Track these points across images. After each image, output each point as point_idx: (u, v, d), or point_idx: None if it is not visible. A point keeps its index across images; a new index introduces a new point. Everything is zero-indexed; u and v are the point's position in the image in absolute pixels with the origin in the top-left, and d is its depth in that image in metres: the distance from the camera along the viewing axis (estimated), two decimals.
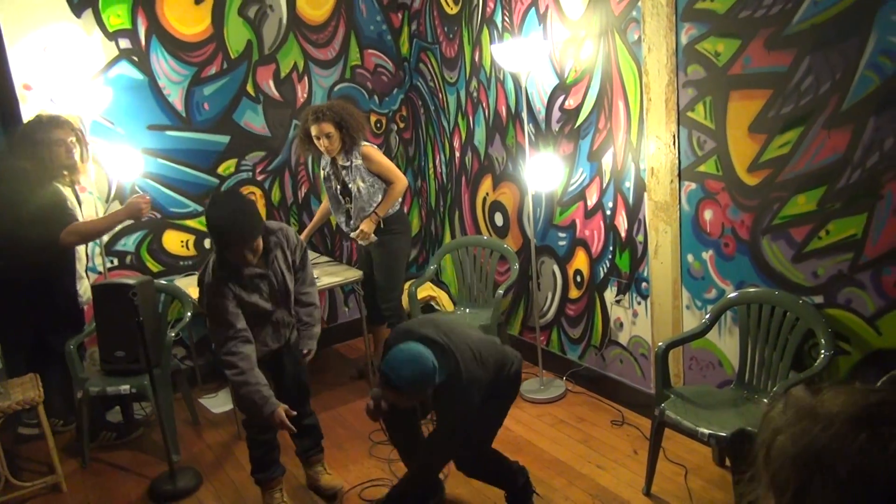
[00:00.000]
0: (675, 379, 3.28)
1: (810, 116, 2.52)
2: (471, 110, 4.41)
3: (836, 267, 2.55)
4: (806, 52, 2.49)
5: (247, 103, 4.34)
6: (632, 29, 3.16)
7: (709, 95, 2.88)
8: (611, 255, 3.57)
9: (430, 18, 4.59)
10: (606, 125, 3.42)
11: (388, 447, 3.41)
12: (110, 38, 3.86)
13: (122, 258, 4.07)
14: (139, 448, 3.68)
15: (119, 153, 3.87)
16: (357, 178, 3.78)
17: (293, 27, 4.43)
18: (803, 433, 0.64)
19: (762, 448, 0.69)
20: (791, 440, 0.64)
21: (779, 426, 0.67)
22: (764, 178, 2.73)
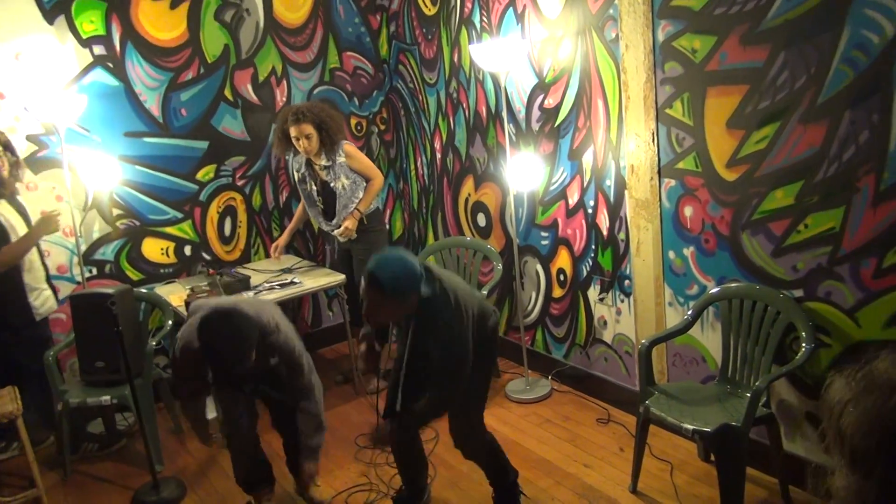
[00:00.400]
0: (660, 376, 3.28)
1: (786, 111, 2.53)
2: (451, 111, 4.40)
3: (815, 260, 2.57)
4: (781, 48, 2.50)
5: (225, 108, 4.30)
6: (609, 27, 3.17)
7: (686, 92, 2.89)
8: (593, 253, 3.57)
9: (409, 20, 4.58)
10: (586, 123, 3.42)
11: (373, 452, 3.39)
12: (84, 44, 3.81)
13: (100, 267, 4.02)
14: (121, 459, 3.64)
15: (95, 161, 3.83)
16: (341, 176, 3.81)
17: (270, 30, 4.40)
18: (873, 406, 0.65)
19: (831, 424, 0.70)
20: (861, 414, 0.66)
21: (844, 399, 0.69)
22: (742, 173, 2.74)
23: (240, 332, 2.43)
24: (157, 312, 3.91)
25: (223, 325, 2.42)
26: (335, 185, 3.84)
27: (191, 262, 4.31)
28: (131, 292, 3.57)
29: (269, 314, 2.65)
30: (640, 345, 2.89)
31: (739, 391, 2.80)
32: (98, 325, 3.23)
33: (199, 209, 4.30)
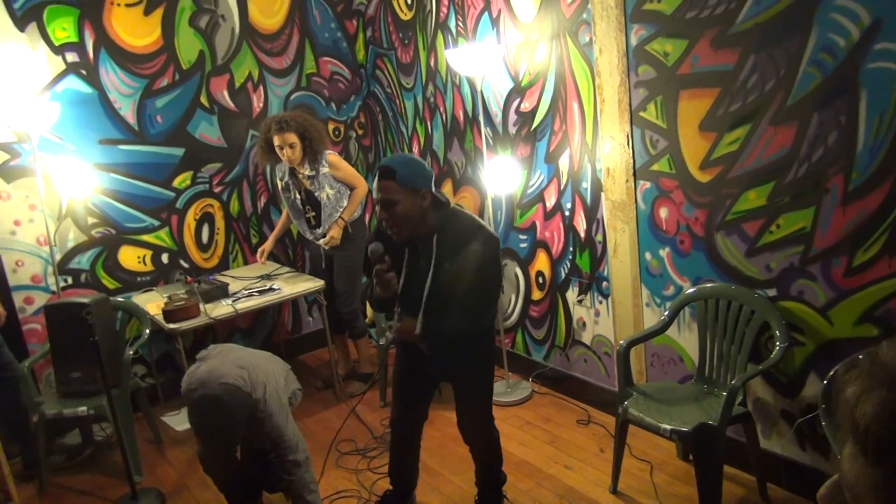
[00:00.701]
0: (638, 376, 3.31)
1: (757, 113, 2.57)
2: (428, 115, 4.41)
3: (787, 260, 2.60)
4: (751, 51, 2.54)
5: (201, 114, 4.27)
6: (583, 31, 3.20)
7: (659, 95, 2.92)
8: (571, 255, 3.59)
9: (385, 24, 4.58)
10: (562, 127, 3.45)
11: (355, 458, 3.39)
12: (56, 52, 3.77)
13: (76, 276, 3.98)
14: (100, 470, 3.60)
15: (70, 169, 3.79)
16: (325, 186, 3.82)
17: (246, 36, 4.38)
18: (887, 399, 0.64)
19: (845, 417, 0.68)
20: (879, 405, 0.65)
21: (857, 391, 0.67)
22: (715, 175, 2.78)
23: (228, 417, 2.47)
24: (135, 321, 3.87)
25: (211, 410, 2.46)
26: (319, 195, 3.84)
27: (168, 269, 4.27)
28: (108, 301, 3.54)
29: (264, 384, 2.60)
30: (619, 346, 2.91)
31: (716, 390, 2.83)
32: (74, 335, 3.20)
33: (176, 216, 4.27)
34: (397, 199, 2.28)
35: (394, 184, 2.27)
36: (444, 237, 2.37)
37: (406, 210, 2.29)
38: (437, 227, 2.37)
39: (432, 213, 2.37)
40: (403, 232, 2.34)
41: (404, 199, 2.28)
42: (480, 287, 2.35)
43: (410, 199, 2.29)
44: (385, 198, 2.29)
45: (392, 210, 2.29)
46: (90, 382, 3.36)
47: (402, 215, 2.30)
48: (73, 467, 3.63)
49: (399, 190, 2.27)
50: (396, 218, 2.30)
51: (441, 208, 2.39)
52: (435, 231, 2.38)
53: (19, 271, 3.79)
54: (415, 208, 2.31)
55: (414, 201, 2.29)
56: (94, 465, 3.67)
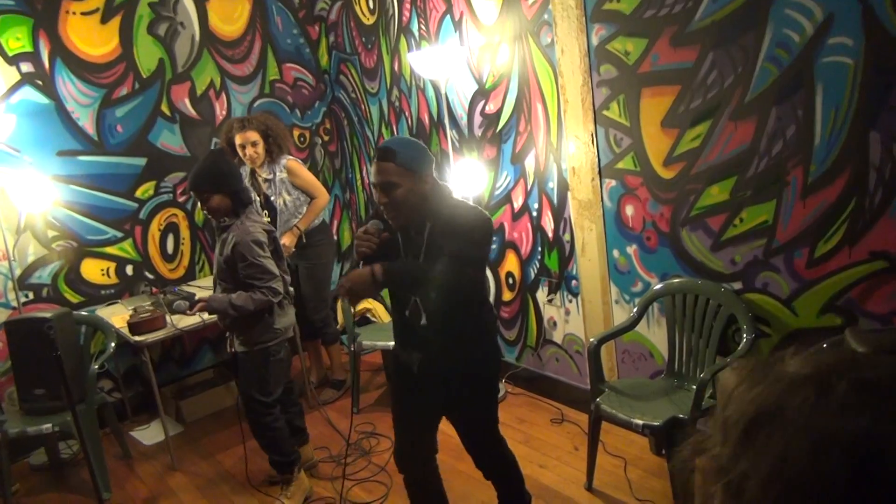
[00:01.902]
0: (609, 373, 3.33)
1: (717, 109, 2.61)
2: (394, 119, 4.40)
3: (751, 253, 2.65)
4: (709, 48, 2.58)
5: (162, 123, 4.21)
6: (544, 32, 3.22)
7: (622, 94, 2.95)
8: (540, 255, 3.61)
9: (348, 29, 4.57)
10: (527, 128, 3.46)
11: (329, 465, 3.35)
12: (10, 62, 3.68)
13: (37, 291, 3.88)
14: (67, 488, 3.51)
15: (27, 182, 3.70)
16: (283, 192, 3.76)
17: (207, 43, 4.33)
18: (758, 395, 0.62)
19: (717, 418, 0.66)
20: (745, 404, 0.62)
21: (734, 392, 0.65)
22: (679, 171, 2.81)
23: (216, 162, 2.87)
24: (100, 335, 3.79)
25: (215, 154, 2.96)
26: (276, 201, 3.78)
27: (133, 281, 4.19)
28: (71, 315, 3.46)
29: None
30: (590, 343, 2.93)
31: (686, 384, 2.86)
32: (36, 351, 3.13)
33: (139, 227, 4.19)
34: (397, 182, 2.12)
35: (393, 165, 2.12)
36: (438, 226, 2.21)
37: (405, 194, 2.14)
38: (433, 214, 2.21)
39: (432, 200, 2.21)
40: (402, 217, 2.20)
41: (404, 182, 2.13)
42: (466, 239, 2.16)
43: (411, 183, 2.14)
44: (384, 180, 2.14)
45: (391, 194, 2.14)
46: (54, 399, 3.27)
47: (402, 199, 2.15)
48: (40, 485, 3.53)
49: (399, 172, 2.12)
50: (395, 202, 2.15)
51: (440, 195, 2.24)
52: (429, 219, 2.22)
53: None
54: (415, 193, 2.15)
55: (414, 185, 2.15)
56: (62, 483, 3.58)
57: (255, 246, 2.82)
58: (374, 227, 2.21)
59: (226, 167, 2.88)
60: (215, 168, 2.84)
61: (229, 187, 2.84)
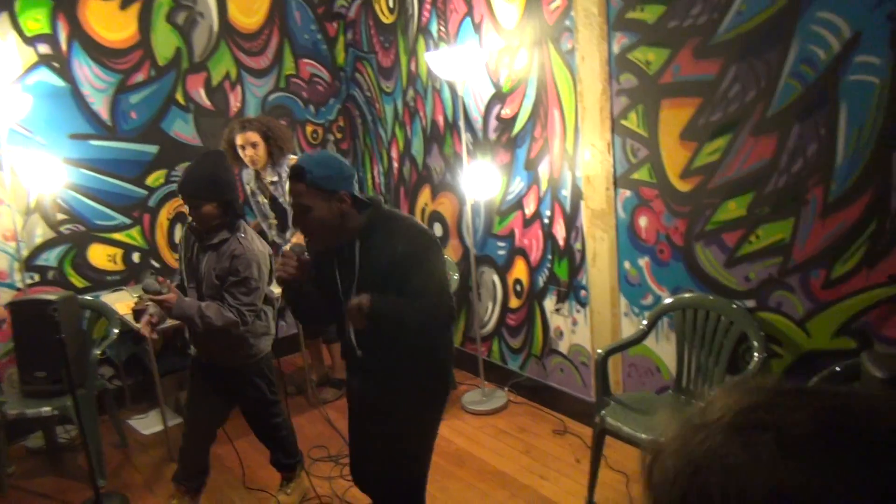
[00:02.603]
0: (615, 386, 3.29)
1: (738, 123, 2.57)
2: (408, 120, 4.38)
3: (766, 271, 2.60)
4: (732, 61, 2.55)
5: (176, 112, 4.20)
6: (565, 38, 3.19)
7: (641, 104, 2.92)
8: (549, 263, 3.57)
9: (366, 28, 4.55)
10: (542, 134, 3.43)
11: (327, 464, 3.32)
12: (28, 42, 3.68)
13: (43, 273, 3.87)
14: (63, 473, 3.49)
15: (38, 163, 3.69)
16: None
17: (225, 35, 4.32)
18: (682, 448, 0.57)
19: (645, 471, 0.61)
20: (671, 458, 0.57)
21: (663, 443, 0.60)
22: (696, 184, 2.78)
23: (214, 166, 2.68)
24: (103, 321, 3.77)
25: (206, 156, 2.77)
26: (283, 201, 3.76)
27: (139, 269, 4.17)
28: (75, 299, 3.44)
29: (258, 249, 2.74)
30: (597, 355, 2.89)
31: (694, 401, 2.82)
32: (39, 333, 3.10)
33: (148, 215, 4.18)
34: (309, 205, 1.98)
35: (304, 186, 1.97)
36: (370, 242, 2.06)
37: (321, 216, 1.99)
38: (361, 231, 2.07)
39: (356, 217, 2.06)
40: (319, 241, 2.08)
41: (317, 203, 1.98)
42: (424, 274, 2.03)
43: (325, 204, 1.98)
44: (296, 203, 2.00)
45: (305, 217, 2.00)
46: (55, 382, 3.25)
47: (317, 222, 2.00)
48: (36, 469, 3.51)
49: (311, 193, 1.97)
50: (309, 226, 2.02)
51: (366, 210, 2.07)
52: (358, 237, 2.07)
53: None
54: (331, 213, 2.00)
55: (330, 206, 1.99)
56: (57, 467, 3.55)
57: (257, 270, 2.69)
58: (292, 250, 2.08)
59: (224, 174, 2.70)
60: (215, 174, 2.65)
61: (225, 196, 2.66)
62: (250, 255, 2.68)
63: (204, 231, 2.69)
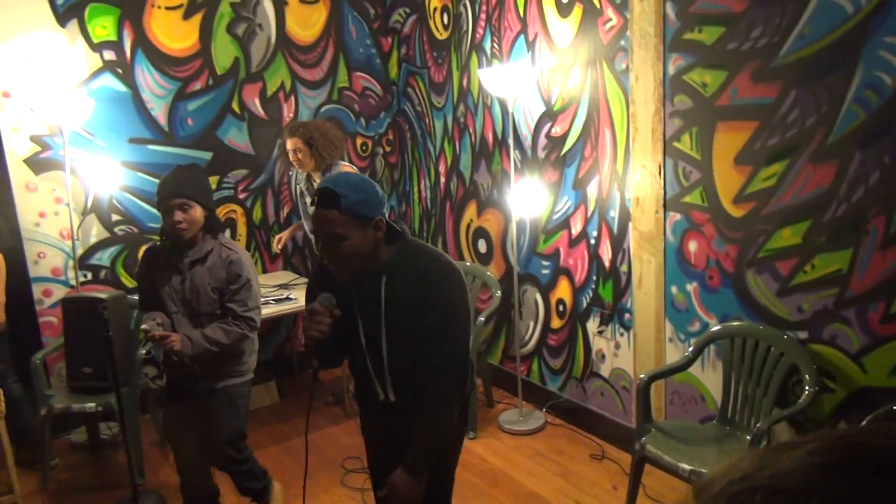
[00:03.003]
0: (657, 413, 3.21)
1: (796, 149, 2.50)
2: (457, 135, 4.39)
3: (821, 302, 2.52)
4: (792, 85, 2.48)
5: (231, 120, 4.29)
6: (619, 58, 3.16)
7: (695, 126, 2.87)
8: (594, 284, 3.52)
9: (420, 43, 4.59)
10: (592, 153, 3.40)
11: (361, 476, 3.31)
12: (94, 49, 3.81)
13: (96, 272, 3.97)
14: (103, 469, 3.56)
15: (98, 165, 3.81)
16: None
17: (282, 46, 4.40)
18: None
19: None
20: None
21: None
22: (749, 210, 2.71)
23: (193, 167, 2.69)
24: None
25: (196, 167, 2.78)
26: None
27: None
28: (124, 299, 3.52)
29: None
30: (639, 380, 2.83)
31: (739, 433, 2.73)
32: (88, 330, 3.18)
33: None
34: (343, 234, 1.76)
35: (338, 213, 1.74)
36: (397, 279, 1.86)
37: (355, 246, 1.78)
38: (389, 264, 1.87)
39: (384, 248, 1.87)
40: (349, 272, 1.85)
41: (352, 232, 1.76)
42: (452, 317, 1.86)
43: (360, 232, 1.78)
44: (328, 232, 1.77)
45: (337, 247, 1.78)
46: (100, 379, 3.32)
47: (350, 253, 1.79)
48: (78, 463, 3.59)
49: (345, 221, 1.75)
50: (342, 258, 1.80)
51: (396, 240, 1.90)
52: (385, 271, 1.87)
53: (40, 263, 3.79)
54: (365, 243, 1.80)
55: (366, 234, 1.79)
56: (98, 463, 3.62)
57: (251, 268, 2.63)
58: (322, 304, 1.84)
59: (207, 182, 2.70)
60: (201, 178, 2.62)
61: (211, 204, 2.60)
62: (242, 255, 2.62)
63: (183, 242, 2.55)
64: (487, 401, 4.05)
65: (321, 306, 1.83)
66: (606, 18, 3.20)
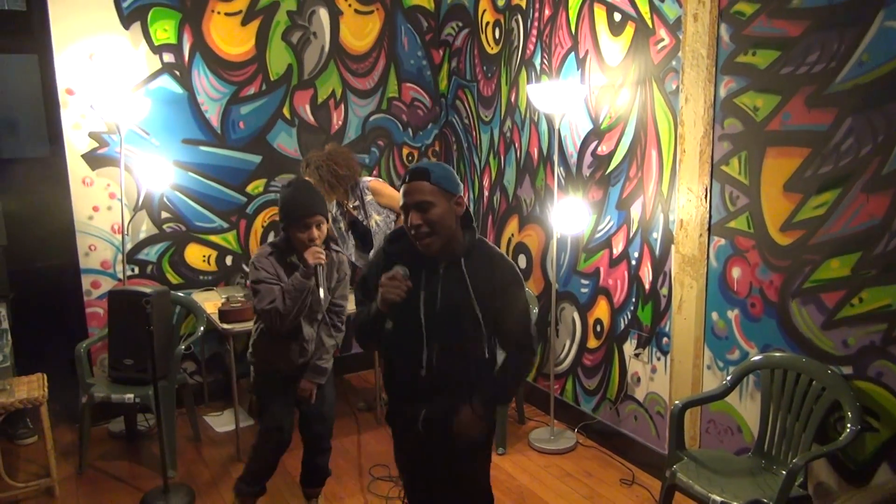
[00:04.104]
0: (691, 441, 3.13)
1: (849, 178, 2.43)
2: (503, 150, 4.39)
3: (868, 337, 2.43)
4: (848, 113, 2.42)
5: (282, 125, 4.37)
6: (670, 79, 3.12)
7: (744, 150, 2.81)
8: (633, 306, 3.47)
9: (471, 57, 4.62)
10: (637, 174, 3.36)
11: (386, 484, 3.31)
12: (155, 51, 3.94)
13: (143, 267, 4.08)
14: (137, 459, 3.64)
15: (151, 163, 3.93)
16: (372, 213, 3.80)
17: (335, 55, 4.48)
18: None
19: None
20: None
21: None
22: (797, 238, 2.64)
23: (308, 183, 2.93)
24: (191, 318, 3.94)
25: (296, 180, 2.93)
26: (368, 224, 3.83)
27: (230, 272, 4.34)
28: (168, 295, 3.61)
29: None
30: (674, 406, 2.77)
31: (775, 467, 2.65)
32: (132, 323, 3.27)
33: (244, 221, 4.35)
34: (433, 201, 1.98)
35: (428, 184, 1.98)
36: (474, 264, 2.08)
37: (441, 214, 1.99)
38: (467, 247, 2.09)
39: (462, 231, 2.10)
40: (439, 240, 2.01)
41: (440, 201, 1.99)
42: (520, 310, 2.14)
43: (446, 204, 2.00)
44: (419, 199, 1.98)
45: (428, 213, 1.98)
46: (141, 371, 3.41)
47: (438, 220, 1.99)
48: (114, 452, 3.68)
49: (434, 191, 1.98)
50: (432, 223, 1.98)
51: (471, 228, 2.12)
52: (463, 253, 2.08)
53: (91, 255, 3.92)
54: (450, 214, 2.02)
55: (449, 206, 2.01)
56: (133, 453, 3.71)
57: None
58: (400, 272, 2.00)
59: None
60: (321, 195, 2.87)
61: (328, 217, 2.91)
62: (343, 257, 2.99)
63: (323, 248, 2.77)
64: (519, 417, 4.02)
65: (400, 272, 2.00)
66: (658, 38, 3.17)
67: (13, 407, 3.04)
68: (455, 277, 2.06)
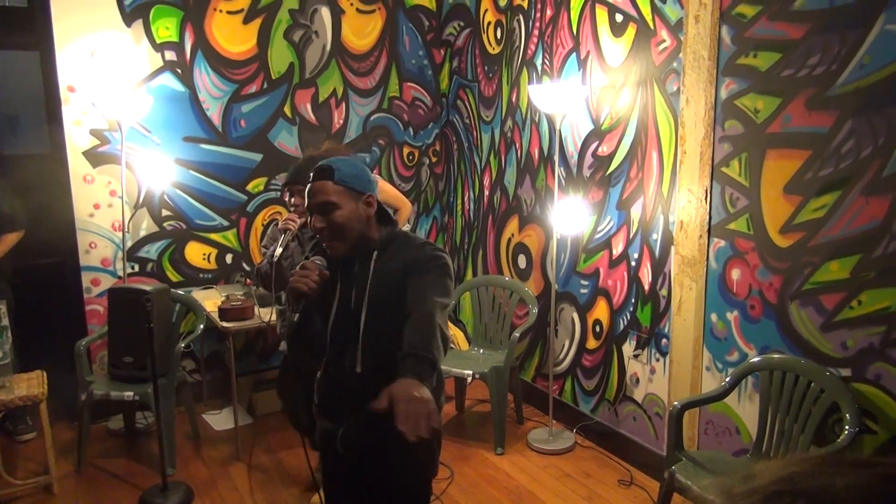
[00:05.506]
0: (689, 442, 3.14)
1: (849, 181, 2.44)
2: (503, 150, 4.39)
3: (867, 339, 2.43)
4: (848, 115, 2.42)
5: (283, 124, 4.38)
6: (671, 80, 3.13)
7: (745, 152, 2.82)
8: (632, 307, 3.47)
9: (472, 57, 4.62)
10: (638, 175, 3.36)
11: None
12: (157, 48, 3.95)
13: (143, 264, 4.09)
14: (136, 457, 3.64)
15: (152, 161, 3.93)
16: None
17: (336, 54, 4.48)
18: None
19: None
20: None
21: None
22: (796, 240, 2.64)
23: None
24: (191, 316, 3.94)
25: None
26: None
27: (230, 270, 4.35)
28: (168, 292, 3.62)
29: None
30: (672, 407, 2.77)
31: None
32: (131, 321, 3.27)
33: (245, 219, 4.36)
34: (337, 202, 1.81)
35: (331, 184, 1.82)
36: (385, 255, 1.89)
37: (347, 217, 1.82)
38: (380, 243, 1.90)
39: (376, 229, 1.91)
40: (344, 244, 1.86)
41: (345, 202, 1.82)
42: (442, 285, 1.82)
43: (352, 205, 1.83)
44: (322, 201, 1.82)
45: (330, 216, 1.82)
46: (140, 369, 3.41)
47: (343, 223, 1.82)
48: (113, 449, 3.68)
49: (339, 192, 1.82)
50: (335, 226, 1.82)
51: (388, 224, 1.94)
52: (376, 248, 1.90)
53: (91, 252, 3.92)
54: (357, 215, 1.84)
55: (357, 207, 1.84)
56: (132, 451, 3.71)
57: None
58: (313, 262, 1.87)
59: None
60: None
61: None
62: None
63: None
64: (517, 417, 4.02)
65: (312, 263, 1.86)
66: (660, 40, 3.18)
67: (13, 404, 3.05)
68: (362, 274, 1.90)
